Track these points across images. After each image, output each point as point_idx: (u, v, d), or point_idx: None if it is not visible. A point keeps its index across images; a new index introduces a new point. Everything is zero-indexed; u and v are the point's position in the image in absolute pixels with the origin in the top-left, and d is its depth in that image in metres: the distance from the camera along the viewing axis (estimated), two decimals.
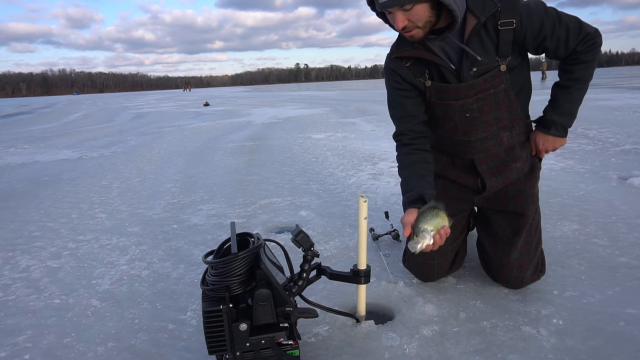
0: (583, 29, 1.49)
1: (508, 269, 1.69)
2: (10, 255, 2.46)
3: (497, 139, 1.62)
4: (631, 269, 1.87)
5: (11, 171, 5.11)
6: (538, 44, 1.50)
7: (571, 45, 1.50)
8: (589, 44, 1.51)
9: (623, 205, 2.68)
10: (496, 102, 1.55)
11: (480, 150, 1.65)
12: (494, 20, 1.45)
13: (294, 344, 1.28)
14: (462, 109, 1.57)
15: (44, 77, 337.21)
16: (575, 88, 1.59)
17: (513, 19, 1.44)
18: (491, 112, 1.57)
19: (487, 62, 1.50)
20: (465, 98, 1.54)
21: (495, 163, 1.67)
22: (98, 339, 1.59)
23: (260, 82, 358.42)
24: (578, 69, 1.56)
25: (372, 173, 4.01)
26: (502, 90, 1.53)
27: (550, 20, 1.46)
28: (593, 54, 1.53)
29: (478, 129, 1.60)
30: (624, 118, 6.93)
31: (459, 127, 1.62)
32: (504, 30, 1.45)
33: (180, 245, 2.47)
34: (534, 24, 1.46)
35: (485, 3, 1.43)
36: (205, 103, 20.13)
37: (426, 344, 1.43)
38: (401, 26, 1.40)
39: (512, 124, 1.61)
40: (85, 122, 13.08)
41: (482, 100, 1.54)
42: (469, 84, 1.51)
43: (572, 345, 1.38)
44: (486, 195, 1.73)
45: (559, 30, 1.47)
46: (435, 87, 1.57)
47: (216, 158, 5.31)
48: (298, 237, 1.35)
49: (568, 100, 1.60)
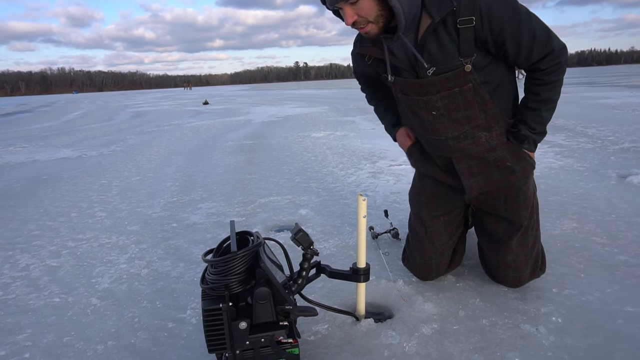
0: (550, 42, 1.41)
1: (505, 270, 1.69)
2: (10, 254, 2.46)
3: (473, 138, 1.55)
4: (630, 267, 1.87)
5: (10, 170, 5.11)
6: (498, 47, 1.42)
7: (534, 56, 1.43)
8: (553, 63, 1.44)
9: (622, 204, 2.68)
10: (464, 101, 1.49)
11: (455, 149, 1.59)
12: (453, 18, 1.38)
13: (293, 342, 1.28)
14: (427, 106, 1.53)
15: (43, 75, 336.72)
16: (544, 109, 1.52)
17: (472, 16, 1.36)
18: (459, 111, 1.51)
19: (448, 62, 1.43)
20: (428, 94, 1.50)
21: (476, 163, 1.60)
22: (98, 337, 1.59)
23: (259, 80, 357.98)
24: (544, 91, 1.49)
25: (371, 171, 4.01)
26: (469, 89, 1.46)
27: (514, 21, 1.37)
28: (558, 74, 1.47)
29: (447, 128, 1.55)
30: (623, 116, 6.93)
31: (427, 125, 1.58)
32: (464, 28, 1.38)
33: (179, 244, 2.47)
34: (493, 24, 1.37)
35: (442, 3, 1.37)
36: (205, 102, 20.11)
37: (425, 342, 1.44)
38: (351, 21, 1.38)
39: (490, 124, 1.54)
40: (84, 121, 13.06)
41: (446, 98, 1.49)
42: (430, 80, 1.47)
43: (571, 343, 1.39)
44: (474, 196, 1.67)
45: (523, 35, 1.39)
46: (398, 82, 1.56)
47: (215, 157, 5.31)
48: (297, 236, 1.35)
49: (538, 122, 1.53)
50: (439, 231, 1.77)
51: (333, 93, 24.66)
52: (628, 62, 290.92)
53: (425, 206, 1.77)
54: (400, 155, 4.39)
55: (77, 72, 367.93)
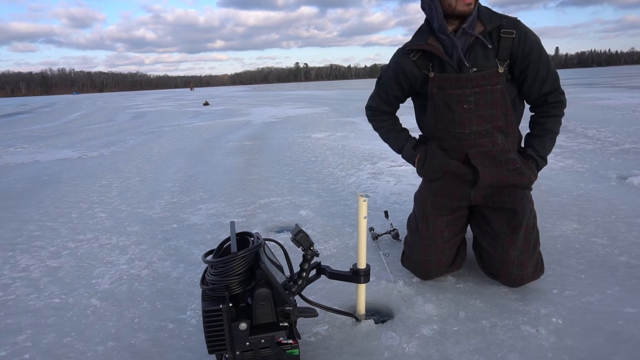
0: (558, 81, 1.75)
1: (508, 266, 1.69)
2: (10, 254, 2.46)
3: (492, 138, 1.73)
4: (630, 268, 1.87)
5: (11, 171, 5.11)
6: (523, 68, 1.69)
7: (545, 88, 1.72)
8: (558, 99, 1.76)
9: (622, 205, 2.68)
10: (492, 100, 1.69)
11: (474, 145, 1.75)
12: (497, 30, 1.67)
13: (293, 343, 1.28)
14: (461, 99, 1.71)
15: (44, 76, 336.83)
16: (547, 137, 1.79)
17: (514, 30, 1.66)
18: (486, 108, 1.70)
19: (486, 63, 1.67)
20: (463, 88, 1.69)
21: (490, 161, 1.74)
22: (98, 338, 1.59)
23: (259, 81, 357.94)
24: (549, 122, 1.78)
25: (371, 172, 4.01)
26: (498, 90, 1.68)
27: (539, 53, 1.68)
28: (560, 110, 1.78)
29: (473, 122, 1.72)
30: (623, 117, 6.93)
31: (456, 118, 1.74)
32: (505, 37, 1.66)
33: (180, 245, 2.47)
34: (526, 46, 1.67)
35: (493, 16, 1.67)
36: (205, 102, 20.12)
37: (426, 343, 1.44)
38: None
39: (508, 129, 1.73)
40: (84, 122, 13.07)
41: (478, 94, 1.69)
42: (468, 75, 1.67)
43: (572, 344, 1.39)
44: (482, 191, 1.76)
45: (543, 65, 1.69)
46: (437, 78, 1.74)
47: (216, 157, 5.31)
48: (298, 237, 1.35)
49: (541, 147, 1.79)
50: (441, 229, 1.81)
51: (333, 94, 24.67)
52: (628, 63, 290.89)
53: (432, 204, 1.84)
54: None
55: (77, 73, 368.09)
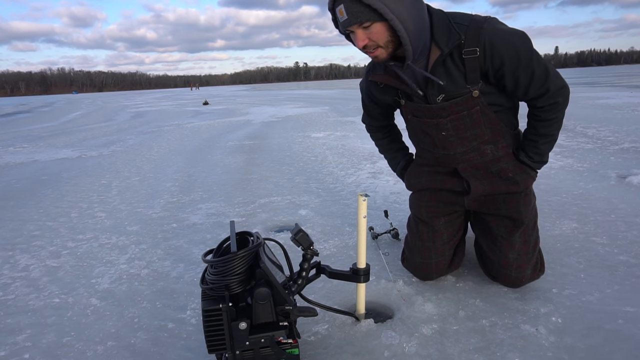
0: (547, 83, 1.48)
1: (507, 269, 1.69)
2: (9, 254, 2.46)
3: (479, 151, 1.64)
4: (630, 267, 1.87)
5: (10, 170, 5.11)
6: (499, 78, 1.49)
7: (531, 93, 1.50)
8: (549, 102, 1.51)
9: (622, 204, 2.68)
10: (472, 122, 1.56)
11: (462, 160, 1.67)
12: (459, 50, 1.45)
13: (293, 342, 1.28)
14: (438, 128, 1.60)
15: (43, 76, 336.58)
16: (541, 142, 1.61)
17: (477, 48, 1.42)
18: (468, 130, 1.59)
19: (455, 90, 1.50)
20: (439, 118, 1.57)
21: (481, 173, 1.68)
22: (98, 338, 1.59)
23: (259, 80, 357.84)
24: (541, 127, 1.58)
25: (371, 172, 4.01)
26: (476, 111, 1.54)
27: (515, 61, 1.43)
28: (554, 113, 1.54)
29: (456, 145, 1.63)
30: (623, 116, 6.93)
31: (437, 144, 1.66)
32: (469, 59, 1.45)
33: (179, 244, 2.47)
34: (495, 60, 1.44)
35: (450, 35, 1.43)
36: (205, 102, 20.11)
37: (426, 342, 1.44)
38: (362, 45, 1.41)
39: (496, 137, 1.61)
40: (84, 121, 13.06)
41: (455, 120, 1.56)
42: (440, 105, 1.54)
43: (571, 344, 1.39)
44: (475, 199, 1.72)
45: (521, 73, 1.45)
46: (409, 106, 1.63)
47: (215, 157, 5.31)
48: (297, 236, 1.35)
49: (536, 153, 1.63)
50: (440, 230, 1.79)
51: (333, 93, 24.66)
52: (628, 62, 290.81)
53: (426, 208, 1.81)
54: None
55: (77, 73, 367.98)
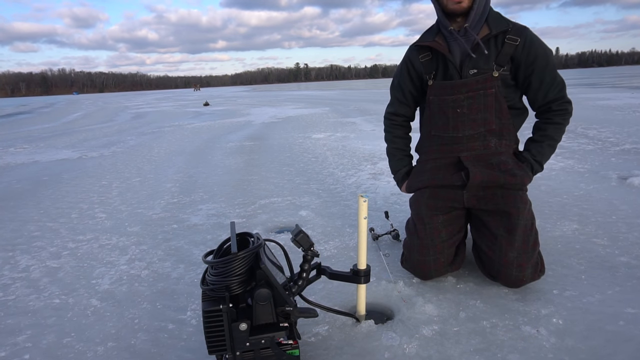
0: (564, 90, 1.77)
1: (507, 268, 1.69)
2: (10, 255, 2.46)
3: (484, 141, 1.78)
4: (631, 269, 1.87)
5: (11, 171, 5.11)
6: (527, 74, 1.72)
7: (550, 95, 1.75)
8: (563, 107, 1.77)
9: (623, 205, 2.68)
10: (485, 104, 1.74)
11: (466, 148, 1.80)
12: (503, 35, 1.70)
13: (293, 343, 1.28)
14: (454, 104, 1.77)
15: (44, 76, 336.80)
16: (546, 144, 1.81)
17: (519, 38, 1.69)
18: (479, 112, 1.75)
19: (485, 65, 1.71)
20: (458, 94, 1.76)
21: (481, 164, 1.77)
22: (98, 338, 1.59)
23: (260, 81, 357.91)
24: (550, 129, 1.80)
25: (372, 173, 4.01)
26: (491, 94, 1.72)
27: (545, 61, 1.70)
28: (564, 118, 1.79)
29: (466, 125, 1.78)
30: (624, 118, 6.93)
31: (450, 122, 1.80)
32: (508, 44, 1.69)
33: (180, 245, 2.47)
34: (530, 53, 1.69)
35: (500, 21, 1.71)
36: (205, 103, 20.12)
37: (426, 343, 1.43)
38: None
39: (502, 131, 1.77)
40: (84, 122, 13.07)
41: (471, 98, 1.74)
42: (464, 81, 1.74)
43: (572, 345, 1.38)
44: (474, 192, 1.77)
45: (548, 74, 1.72)
46: (435, 86, 1.82)
47: (216, 158, 5.31)
48: (298, 237, 1.35)
49: (539, 152, 1.81)
50: (438, 229, 1.81)
51: (333, 94, 24.67)
52: (629, 63, 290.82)
53: (426, 205, 1.84)
54: None
55: (77, 73, 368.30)
